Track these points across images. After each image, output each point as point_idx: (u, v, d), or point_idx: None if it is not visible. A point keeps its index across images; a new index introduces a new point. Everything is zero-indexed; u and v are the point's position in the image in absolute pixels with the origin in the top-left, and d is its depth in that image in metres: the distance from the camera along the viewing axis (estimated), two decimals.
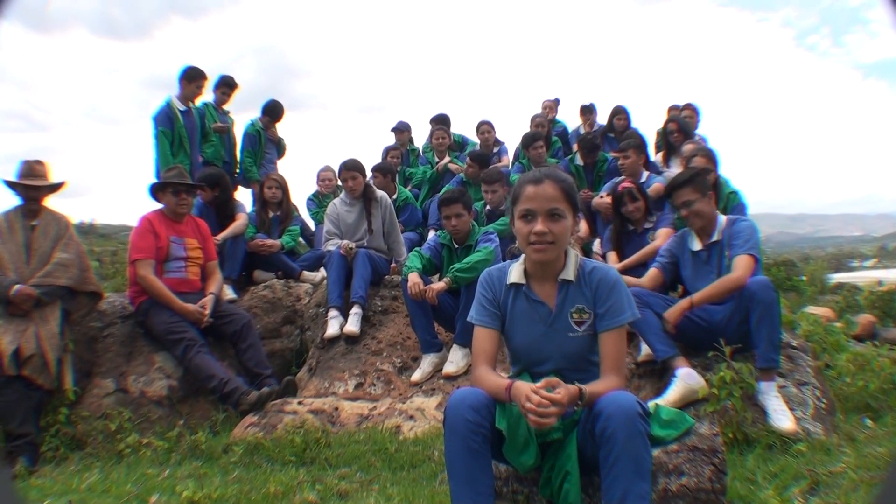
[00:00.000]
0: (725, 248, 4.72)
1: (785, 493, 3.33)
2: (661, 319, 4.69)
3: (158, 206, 5.96)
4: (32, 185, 5.36)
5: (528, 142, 8.59)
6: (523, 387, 2.54)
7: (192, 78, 7.90)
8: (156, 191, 5.94)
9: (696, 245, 4.89)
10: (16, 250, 5.24)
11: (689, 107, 9.89)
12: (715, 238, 4.78)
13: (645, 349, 5.04)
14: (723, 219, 4.85)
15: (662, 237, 5.66)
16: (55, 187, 5.52)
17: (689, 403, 4.41)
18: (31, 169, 5.39)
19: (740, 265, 4.52)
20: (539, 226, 2.77)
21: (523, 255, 3.00)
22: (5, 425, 4.80)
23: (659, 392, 4.63)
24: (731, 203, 6.12)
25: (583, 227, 7.26)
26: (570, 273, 2.90)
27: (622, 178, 6.87)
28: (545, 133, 9.10)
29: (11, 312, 5.01)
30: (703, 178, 4.83)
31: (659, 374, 4.98)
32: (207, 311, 5.67)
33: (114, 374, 5.53)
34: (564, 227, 2.81)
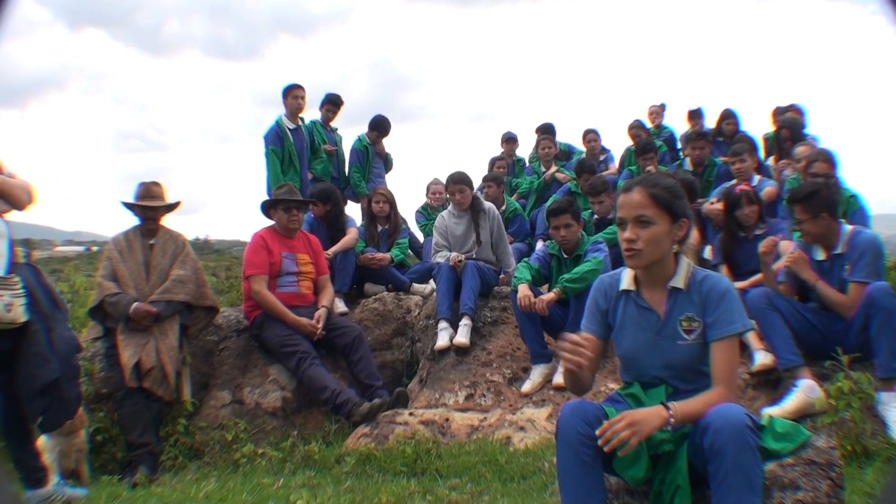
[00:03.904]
0: (847, 261, 4.56)
1: None
2: (788, 325, 4.52)
3: (270, 222, 6.09)
4: (149, 205, 5.56)
5: (640, 151, 8.40)
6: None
7: (287, 93, 8.21)
8: (267, 208, 6.08)
9: (820, 255, 4.74)
10: (136, 268, 5.44)
11: (793, 108, 9.48)
12: (838, 250, 4.62)
13: (759, 358, 4.80)
14: (847, 229, 4.67)
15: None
16: (171, 207, 5.71)
17: (805, 416, 4.21)
18: (148, 190, 5.59)
19: (853, 294, 4.45)
20: (627, 233, 2.71)
21: None
22: (127, 435, 4.98)
23: (774, 402, 4.44)
24: (851, 208, 5.72)
25: (694, 234, 6.99)
26: (679, 280, 2.79)
27: (732, 182, 6.64)
28: (646, 139, 8.94)
29: (132, 328, 5.20)
30: (816, 199, 4.60)
31: (774, 385, 4.74)
32: (320, 325, 5.73)
33: (230, 385, 5.67)
34: (653, 233, 2.70)
